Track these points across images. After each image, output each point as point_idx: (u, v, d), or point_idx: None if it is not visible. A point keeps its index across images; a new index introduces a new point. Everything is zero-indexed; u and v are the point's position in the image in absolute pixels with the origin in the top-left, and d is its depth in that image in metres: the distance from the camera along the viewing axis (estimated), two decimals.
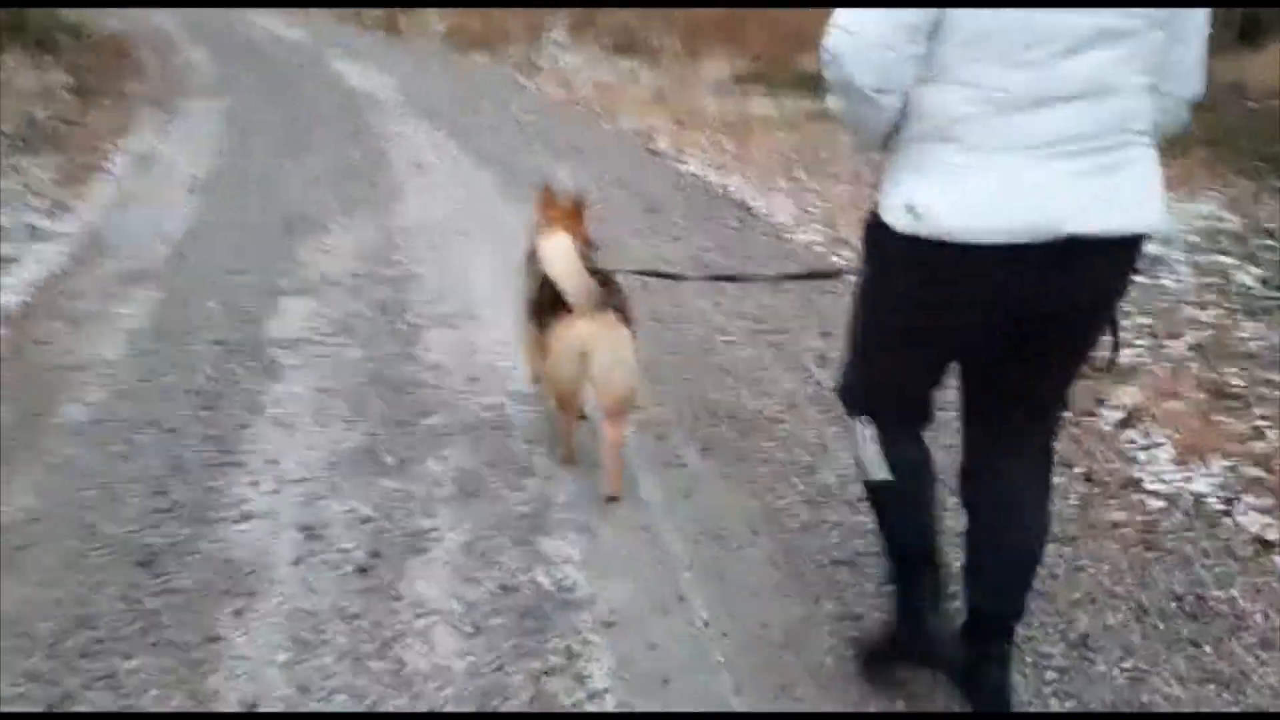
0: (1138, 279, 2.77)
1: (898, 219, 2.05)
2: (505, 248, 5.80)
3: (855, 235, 2.46)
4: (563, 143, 9.56)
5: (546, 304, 3.19)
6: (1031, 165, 1.93)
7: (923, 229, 2.00)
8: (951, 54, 1.91)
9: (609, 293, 3.14)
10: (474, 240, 6.40)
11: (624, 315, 3.18)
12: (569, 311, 3.08)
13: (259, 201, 7.45)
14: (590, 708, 2.49)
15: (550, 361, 3.23)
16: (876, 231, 2.14)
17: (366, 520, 3.31)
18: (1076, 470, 3.63)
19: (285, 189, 7.82)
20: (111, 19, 17.00)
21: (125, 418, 3.97)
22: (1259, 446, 3.76)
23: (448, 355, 4.65)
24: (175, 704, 2.47)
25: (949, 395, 2.41)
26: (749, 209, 7.22)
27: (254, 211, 7.17)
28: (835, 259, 6.03)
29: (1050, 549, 2.65)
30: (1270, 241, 6.09)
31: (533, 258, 3.39)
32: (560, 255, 3.09)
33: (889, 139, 2.09)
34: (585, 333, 3.08)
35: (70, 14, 14.88)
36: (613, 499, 3.25)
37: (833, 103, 2.09)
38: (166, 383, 4.33)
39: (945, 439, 2.57)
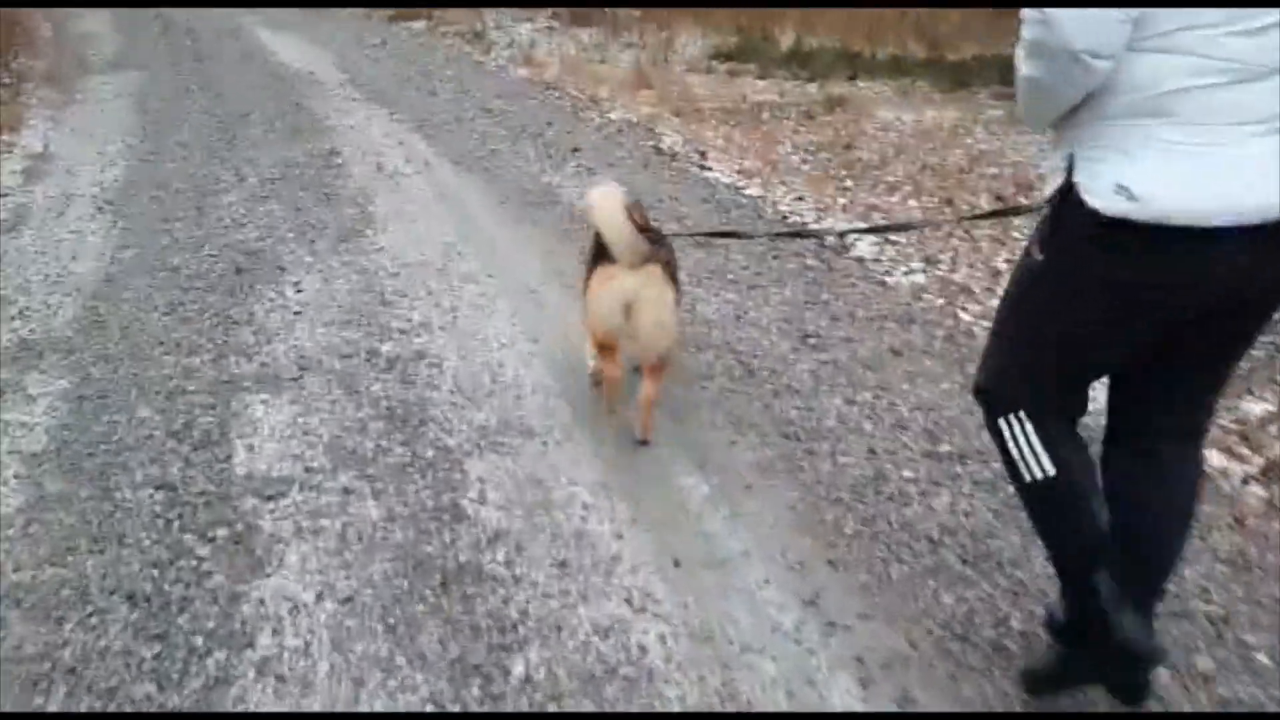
0: None
1: (1107, 202, 1.92)
2: (533, 302, 4.36)
3: (971, 276, 2.80)
4: (552, 138, 7.94)
5: (589, 251, 3.30)
6: (1257, 141, 1.84)
7: (1138, 212, 1.88)
8: (1167, 19, 1.81)
9: (656, 249, 3.13)
10: (489, 290, 4.87)
11: (669, 272, 3.19)
12: (608, 261, 3.10)
13: (193, 229, 5.78)
14: None
15: (591, 307, 3.23)
16: (1069, 216, 2.00)
17: None
18: None
19: (223, 209, 6.14)
20: None
21: None
22: None
23: (511, 508, 3.16)
24: None
25: None
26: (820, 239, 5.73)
27: (188, 244, 5.51)
28: (965, 314, 4.58)
29: None
30: None
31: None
32: (606, 204, 3.10)
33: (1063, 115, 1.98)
34: (628, 285, 3.09)
35: None
36: (643, 443, 3.36)
37: (1031, 68, 1.94)
38: (72, 584, 2.75)
39: None
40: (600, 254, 3.20)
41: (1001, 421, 2.23)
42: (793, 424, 3.60)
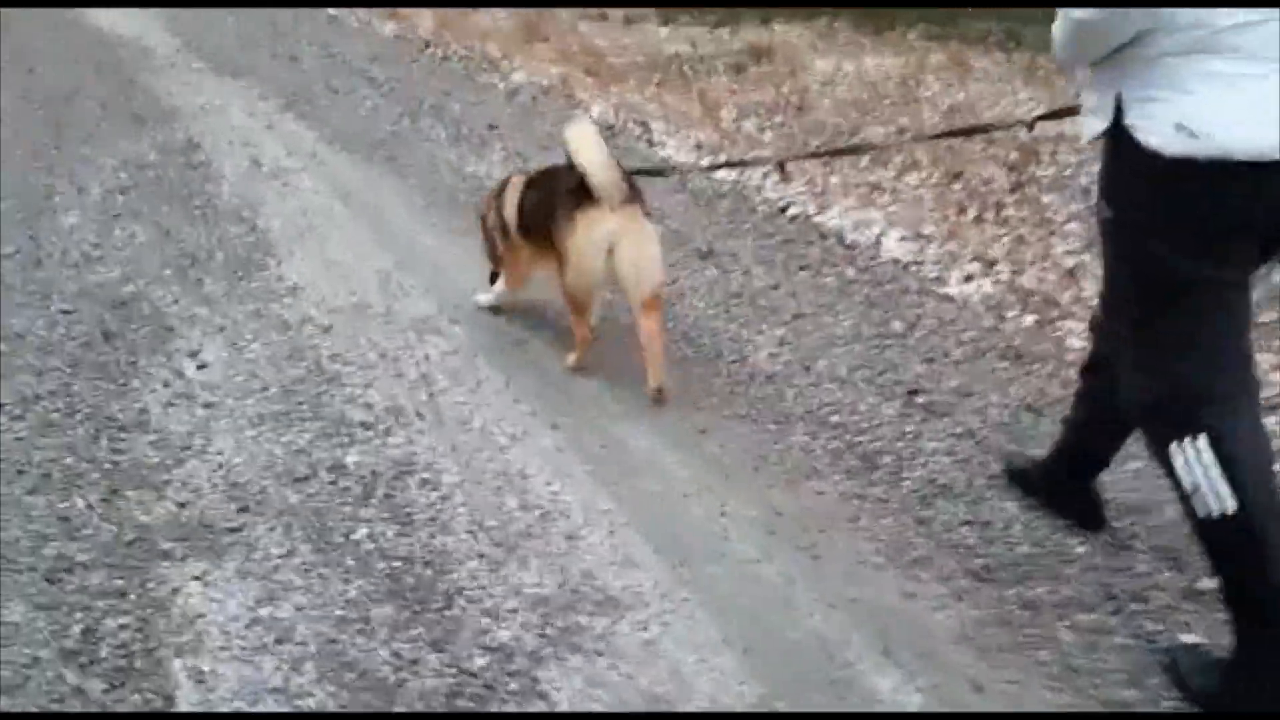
0: None
1: (1167, 142, 1.90)
2: (526, 361, 3.47)
3: (1044, 280, 3.09)
4: (459, 113, 6.64)
5: (559, 200, 3.13)
6: None
7: (1199, 149, 1.86)
8: None
9: (631, 185, 3.08)
10: (460, 344, 3.72)
11: (645, 208, 3.14)
12: (589, 204, 3.01)
13: (29, 270, 4.36)
14: None
15: (574, 259, 3.09)
16: (1127, 160, 1.98)
17: None
18: None
19: (65, 237, 4.71)
20: None
21: None
22: None
23: None
24: None
25: None
26: (851, 245, 4.64)
27: (27, 296, 4.12)
28: (1075, 339, 3.62)
29: None
30: None
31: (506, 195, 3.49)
32: (588, 141, 3.03)
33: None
34: (613, 227, 3.02)
35: None
36: (660, 391, 3.13)
37: (1085, 12, 1.91)
38: None
39: None
40: (555, 201, 3.16)
41: (1173, 447, 1.99)
42: (999, 570, 2.53)
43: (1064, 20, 1.96)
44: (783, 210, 4.98)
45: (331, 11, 10.33)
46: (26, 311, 3.93)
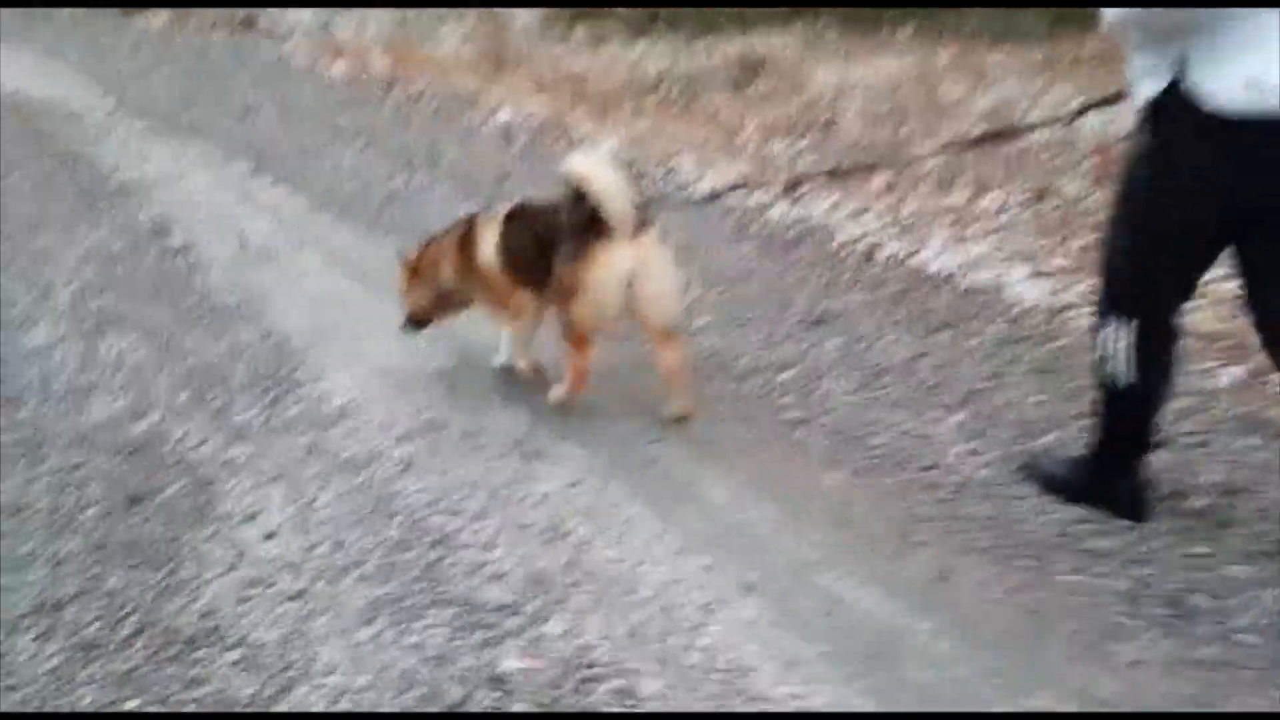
0: None
1: (1233, 98, 1.98)
2: (696, 505, 2.65)
3: None
4: (458, 165, 5.91)
5: (562, 233, 2.94)
6: None
7: (1262, 104, 1.95)
8: None
9: (643, 211, 2.89)
10: (589, 484, 2.99)
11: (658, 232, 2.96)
12: (603, 234, 2.82)
13: (3, 408, 3.49)
14: None
15: (591, 294, 2.90)
16: (1174, 115, 2.09)
17: None
18: None
19: (44, 358, 3.96)
20: None
21: None
22: None
23: None
24: None
25: None
26: (976, 291, 4.02)
27: (10, 452, 3.26)
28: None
29: None
30: None
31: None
32: (603, 168, 2.88)
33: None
34: (632, 257, 2.86)
35: None
36: (685, 418, 3.03)
37: None
38: None
39: None
40: (555, 235, 2.99)
41: (1107, 321, 2.39)
42: None
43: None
44: (872, 253, 4.34)
45: (270, 53, 9.46)
46: (17, 473, 3.12)
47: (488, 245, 3.23)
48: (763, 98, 6.86)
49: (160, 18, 12.95)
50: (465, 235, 3.32)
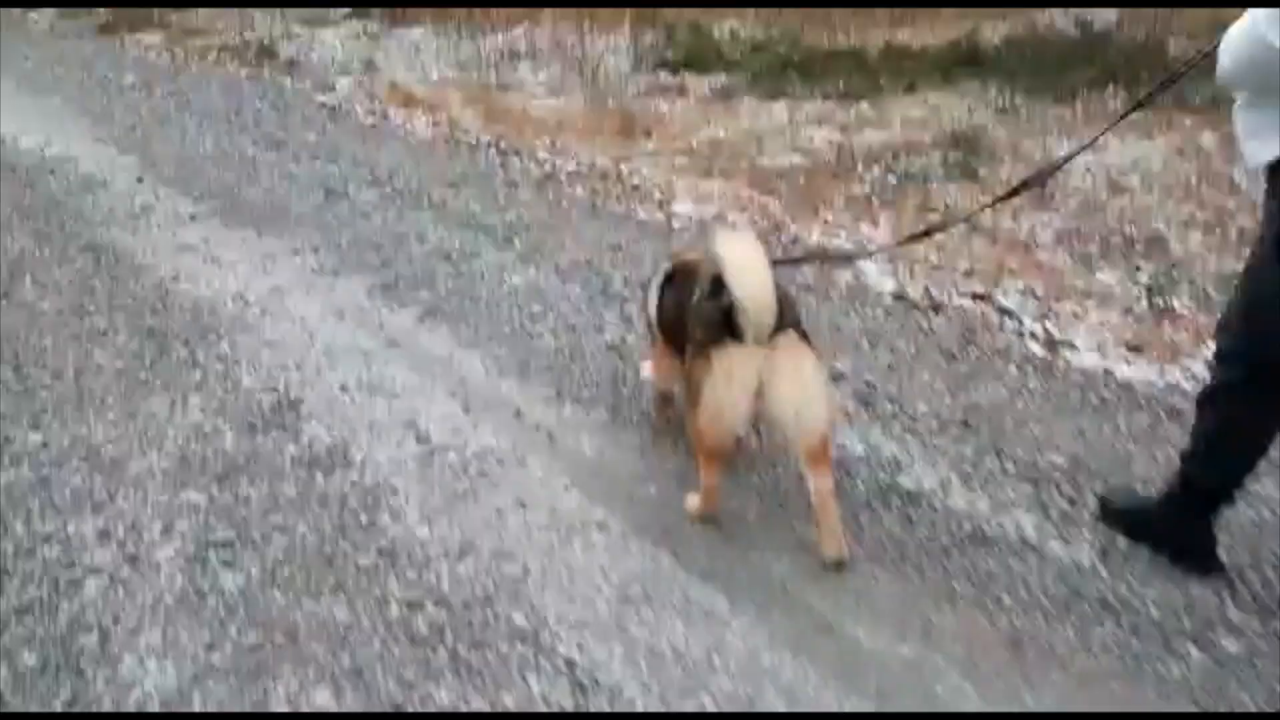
0: None
1: None
2: None
3: None
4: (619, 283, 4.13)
5: (691, 317, 2.55)
6: None
7: None
8: None
9: (785, 307, 2.43)
10: None
11: (804, 333, 2.49)
12: (729, 333, 2.37)
13: None
14: None
15: (708, 400, 2.44)
16: None
17: None
18: None
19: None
20: None
21: None
22: None
23: None
24: None
25: None
26: None
27: None
28: None
29: None
30: None
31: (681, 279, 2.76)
32: (751, 260, 2.39)
33: None
34: (763, 363, 2.38)
35: None
36: (840, 564, 2.45)
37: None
38: None
39: None
40: (686, 316, 2.59)
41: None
42: None
43: (1254, 46, 1.96)
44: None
45: (322, 98, 7.56)
46: None
47: (652, 295, 2.94)
48: (1011, 190, 5.09)
49: (155, 37, 10.97)
50: (655, 276, 2.98)
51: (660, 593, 2.42)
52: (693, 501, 2.69)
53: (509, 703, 2.10)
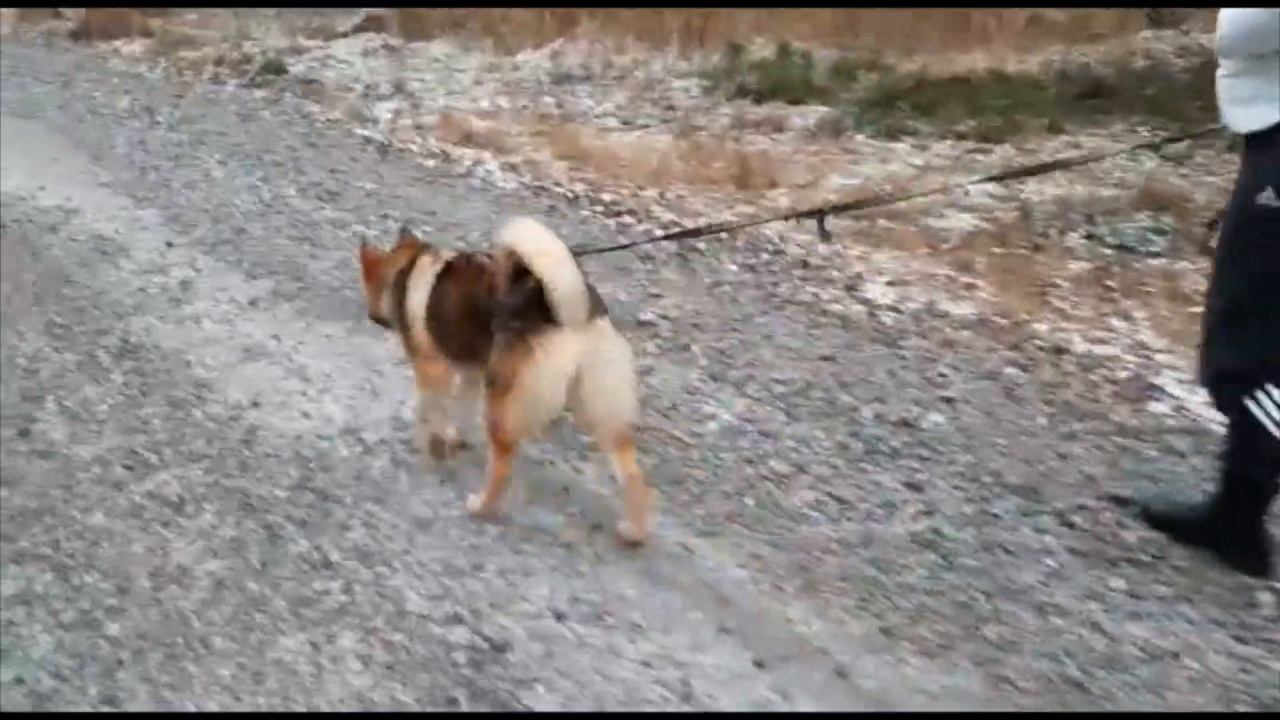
0: None
1: None
2: None
3: None
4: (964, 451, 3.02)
5: (498, 313, 2.45)
6: None
7: None
8: None
9: (594, 295, 2.42)
10: None
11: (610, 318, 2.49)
12: (546, 323, 2.34)
13: None
14: None
15: (528, 394, 2.40)
16: None
17: None
18: None
19: None
20: None
21: None
22: None
23: None
24: None
25: None
26: None
27: None
28: None
29: None
30: None
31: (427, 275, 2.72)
32: (549, 244, 2.34)
33: None
34: (580, 350, 2.36)
35: None
36: (639, 544, 2.52)
37: None
38: None
39: None
40: (488, 312, 2.49)
41: (1248, 401, 2.23)
42: None
43: (1258, 13, 2.00)
44: None
45: (363, 131, 6.35)
46: None
47: (418, 291, 2.73)
48: None
49: (135, 47, 9.66)
50: (407, 265, 2.80)
51: None
52: (474, 502, 2.65)
53: None
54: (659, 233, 4.71)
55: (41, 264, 4.41)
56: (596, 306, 2.41)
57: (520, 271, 2.35)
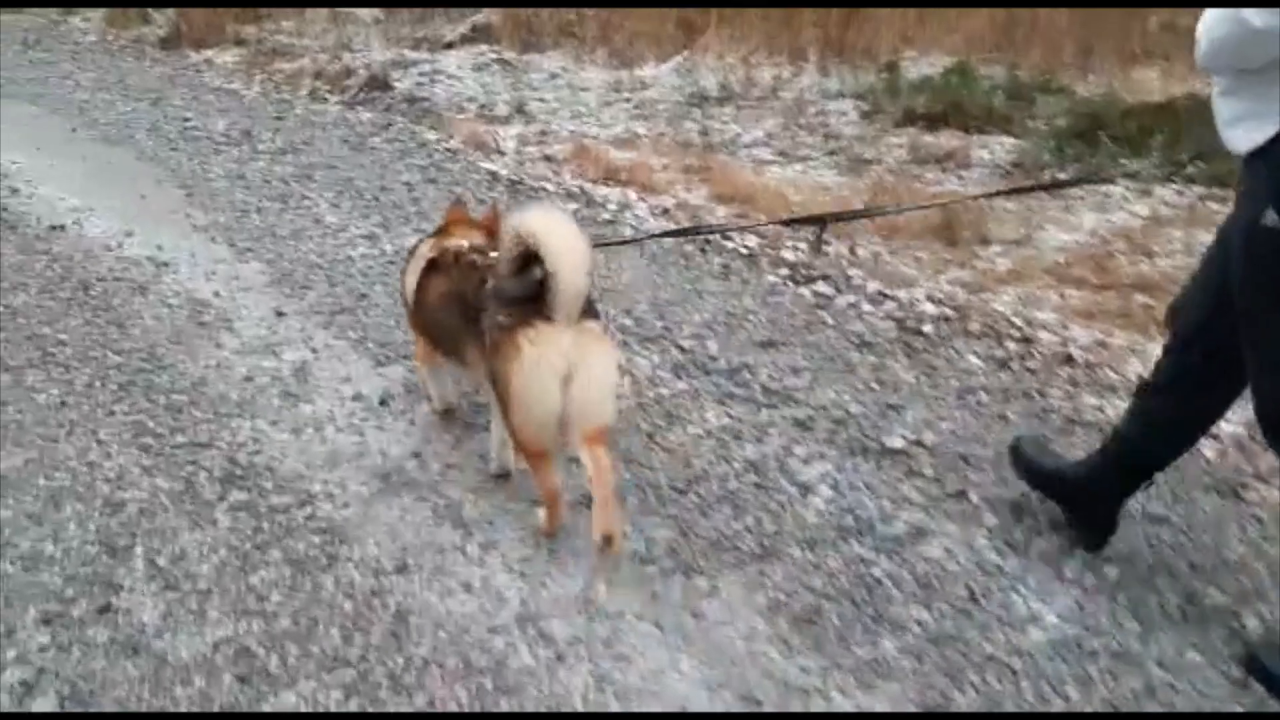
0: None
1: None
2: None
3: None
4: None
5: (487, 306, 2.42)
6: None
7: None
8: None
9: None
10: None
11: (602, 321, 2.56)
12: (536, 318, 2.30)
13: None
14: None
15: (522, 396, 2.34)
16: None
17: None
18: None
19: None
20: None
21: None
22: None
23: None
24: None
25: None
26: None
27: None
28: None
29: None
30: None
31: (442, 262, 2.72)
32: (570, 238, 2.27)
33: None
34: (570, 348, 2.32)
35: None
36: (609, 541, 2.35)
37: (1266, 18, 1.75)
38: None
39: None
40: (477, 305, 2.47)
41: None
42: None
43: (1232, 24, 1.84)
44: None
45: (487, 165, 5.50)
46: None
47: (410, 277, 2.86)
48: None
49: (229, 57, 8.98)
50: (412, 254, 2.92)
51: None
52: (541, 517, 2.54)
53: None
54: (867, 306, 3.79)
55: (129, 340, 3.63)
56: (589, 309, 2.38)
57: (527, 259, 2.25)
